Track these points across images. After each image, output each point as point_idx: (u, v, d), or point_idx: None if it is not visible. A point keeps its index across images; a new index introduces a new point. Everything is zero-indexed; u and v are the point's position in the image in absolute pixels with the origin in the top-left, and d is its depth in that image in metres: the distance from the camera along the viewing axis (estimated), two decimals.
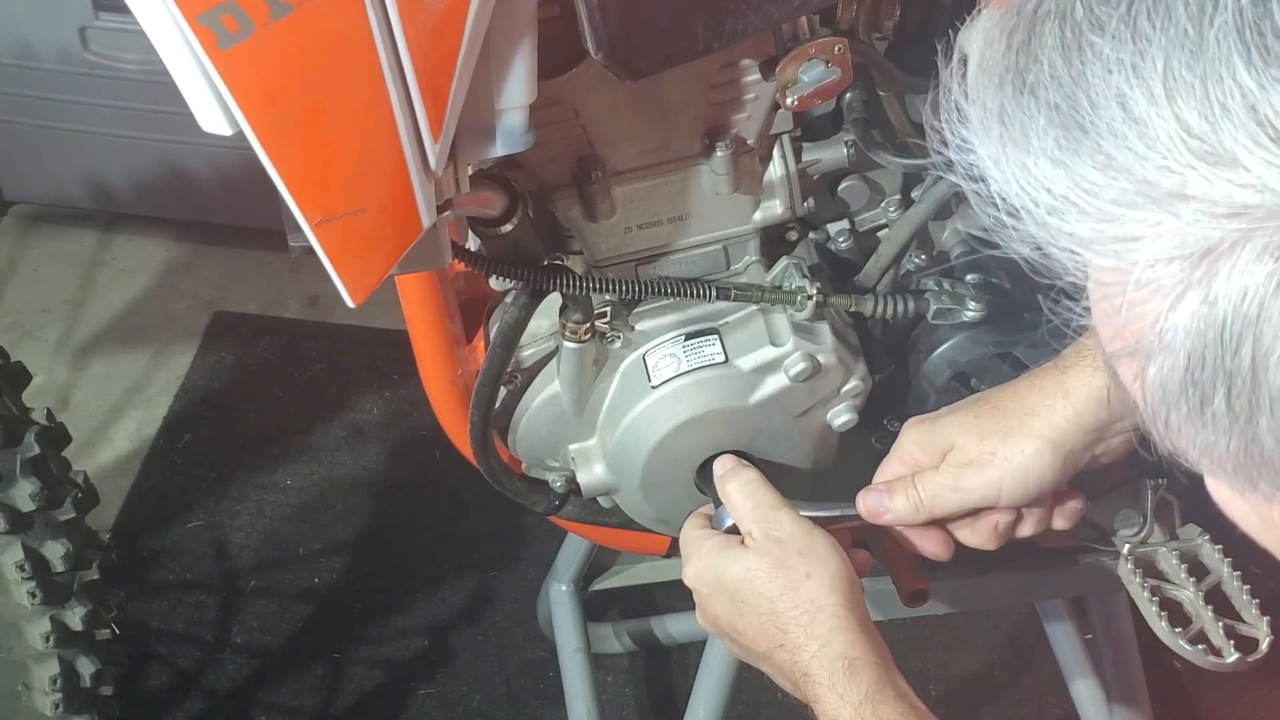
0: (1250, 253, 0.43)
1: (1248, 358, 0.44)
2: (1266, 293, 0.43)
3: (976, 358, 1.09)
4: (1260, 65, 0.42)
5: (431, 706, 1.86)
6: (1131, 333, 0.47)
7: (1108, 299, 0.48)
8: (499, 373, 1.07)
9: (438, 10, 0.72)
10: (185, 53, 0.67)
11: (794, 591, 0.93)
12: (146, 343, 2.32)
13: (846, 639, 0.90)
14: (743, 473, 1.02)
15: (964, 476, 0.95)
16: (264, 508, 2.07)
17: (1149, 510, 1.09)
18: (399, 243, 0.80)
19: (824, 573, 0.93)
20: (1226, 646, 1.03)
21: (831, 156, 1.08)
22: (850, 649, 0.90)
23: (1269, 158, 0.42)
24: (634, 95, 0.97)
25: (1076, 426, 0.92)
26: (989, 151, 0.49)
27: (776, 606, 0.93)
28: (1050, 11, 0.47)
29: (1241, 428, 0.46)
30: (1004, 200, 0.49)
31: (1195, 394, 0.46)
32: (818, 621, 0.91)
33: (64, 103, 2.20)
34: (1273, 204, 0.42)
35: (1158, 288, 0.45)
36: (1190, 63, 0.43)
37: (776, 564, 0.94)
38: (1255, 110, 0.42)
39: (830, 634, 0.91)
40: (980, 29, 0.51)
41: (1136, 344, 0.47)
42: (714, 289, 1.04)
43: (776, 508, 0.98)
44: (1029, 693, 1.86)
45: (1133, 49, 0.44)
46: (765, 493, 0.99)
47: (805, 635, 0.91)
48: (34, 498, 1.31)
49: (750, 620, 0.95)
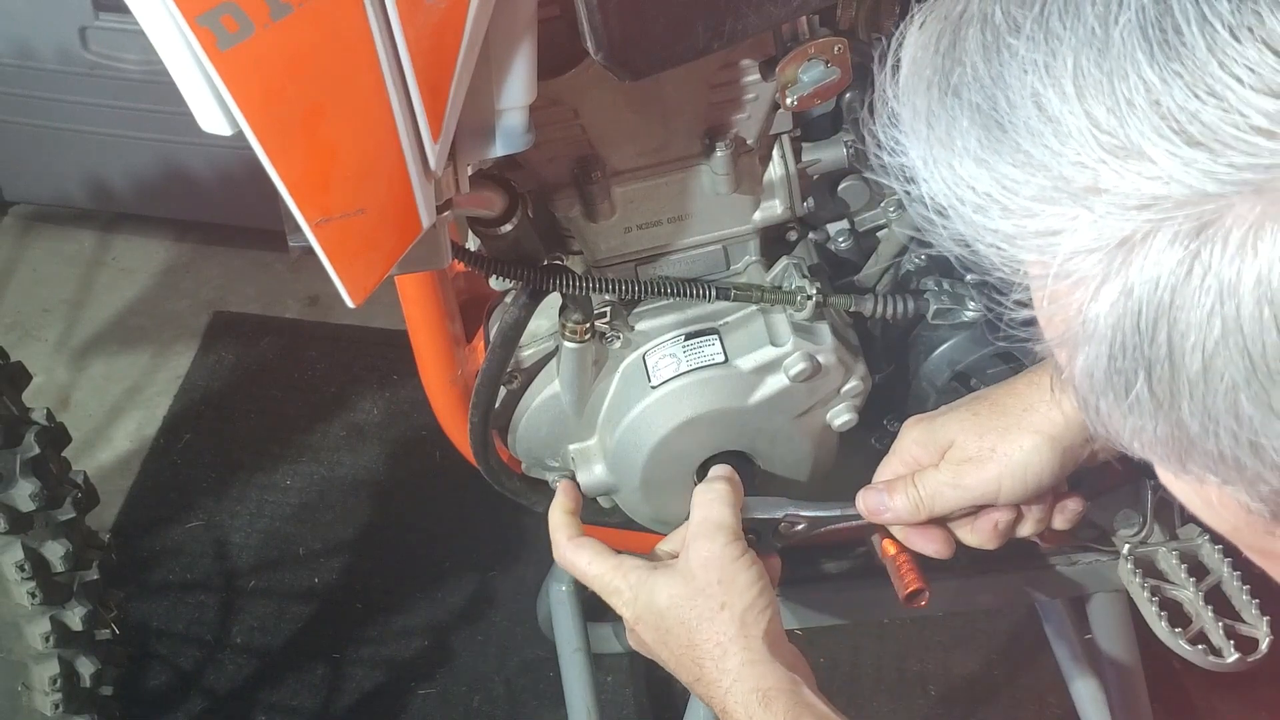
0: (1161, 242, 0.44)
1: (1164, 344, 0.45)
2: (1178, 280, 0.44)
3: (976, 358, 1.09)
4: (1162, 60, 0.43)
5: (431, 706, 1.86)
6: (1059, 323, 0.49)
7: (1037, 290, 0.50)
8: (499, 373, 1.07)
9: (438, 10, 0.72)
10: (185, 53, 0.67)
11: (709, 623, 0.94)
12: (146, 343, 2.32)
13: (757, 671, 0.91)
14: (714, 485, 1.02)
15: (963, 473, 0.95)
16: (264, 508, 2.07)
17: (1149, 510, 1.09)
18: (399, 243, 0.80)
19: (738, 604, 0.94)
20: (1226, 646, 1.04)
21: (831, 156, 1.08)
22: (762, 681, 0.91)
23: (1173, 150, 0.43)
24: (634, 95, 0.97)
25: (1075, 422, 0.93)
26: (919, 152, 0.50)
27: (694, 638, 0.94)
28: (974, 16, 0.49)
29: (1165, 412, 0.46)
30: (933, 200, 0.50)
31: (1120, 381, 0.47)
32: (731, 654, 0.93)
33: (64, 103, 2.20)
34: (1180, 194, 0.43)
35: (1079, 279, 0.46)
36: (1098, 60, 0.44)
37: (695, 592, 0.95)
38: (1159, 104, 0.43)
39: (741, 668, 0.92)
40: (910, 36, 0.52)
41: (1065, 334, 0.48)
42: (714, 289, 1.04)
43: (718, 528, 0.98)
44: (1029, 693, 1.86)
45: (1045, 49, 0.46)
46: (720, 508, 0.99)
47: (717, 671, 0.93)
48: (34, 498, 1.31)
49: (674, 648, 0.96)
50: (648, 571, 0.98)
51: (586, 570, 1.02)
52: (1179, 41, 0.43)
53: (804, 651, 0.97)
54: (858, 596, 1.33)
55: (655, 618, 0.96)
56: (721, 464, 1.07)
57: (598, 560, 1.01)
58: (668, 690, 1.87)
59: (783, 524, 1.03)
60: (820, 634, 1.77)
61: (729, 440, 1.09)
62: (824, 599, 1.32)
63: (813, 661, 0.97)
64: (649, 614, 0.97)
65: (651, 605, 0.97)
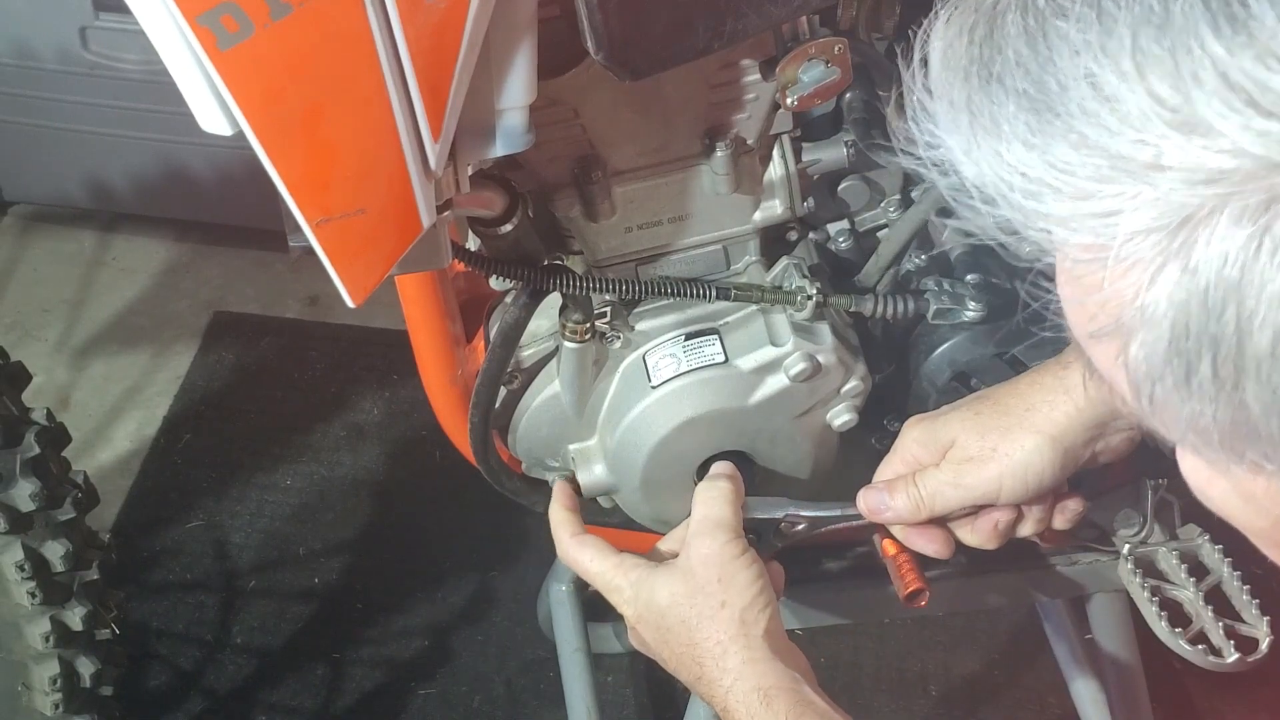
0: (1228, 218, 0.43)
1: (1231, 323, 0.44)
2: (1247, 256, 0.43)
3: (976, 358, 1.09)
4: (1229, 33, 0.43)
5: (431, 706, 1.86)
6: (1111, 310, 0.48)
7: (1084, 278, 0.48)
8: (499, 373, 1.07)
9: (438, 10, 0.72)
10: (185, 53, 0.67)
11: (709, 622, 0.94)
12: (146, 343, 2.32)
13: (758, 670, 0.91)
14: (717, 483, 1.02)
15: (965, 473, 0.95)
16: (264, 508, 2.07)
17: (1149, 510, 1.09)
18: (399, 243, 0.80)
19: (738, 603, 0.94)
20: (1226, 646, 1.04)
21: (831, 156, 1.08)
22: (763, 679, 0.91)
23: (1244, 122, 0.42)
24: (634, 95, 0.97)
25: (1077, 422, 0.93)
26: (959, 143, 0.50)
27: (694, 637, 0.94)
28: (1010, 4, 0.49)
29: (1228, 395, 0.46)
30: (980, 189, 0.49)
31: (1180, 364, 0.46)
32: (731, 653, 0.93)
33: (64, 103, 2.20)
34: (1249, 168, 0.43)
35: (1136, 261, 0.46)
36: (1158, 37, 0.44)
37: (695, 590, 0.95)
38: (1227, 77, 0.42)
39: (742, 667, 0.92)
40: (937, 32, 0.52)
41: (1117, 322, 0.48)
42: (714, 289, 1.04)
43: (718, 526, 0.98)
44: (1029, 693, 1.86)
45: (1099, 29, 0.45)
46: (721, 506, 0.99)
47: (718, 670, 0.93)
48: (34, 498, 1.31)
49: (674, 648, 0.96)
50: (648, 570, 0.98)
51: (589, 567, 1.02)
52: (1245, 13, 0.42)
53: (804, 651, 0.97)
54: (858, 596, 1.33)
55: (656, 617, 0.97)
56: (723, 461, 1.07)
57: (599, 558, 1.01)
58: (668, 690, 1.87)
59: (783, 524, 1.03)
60: (820, 634, 1.77)
61: (729, 440, 1.09)
62: (824, 599, 1.32)
63: (813, 661, 0.97)
64: (649, 613, 0.97)
65: (652, 604, 0.97)
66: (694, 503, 1.01)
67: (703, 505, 1.00)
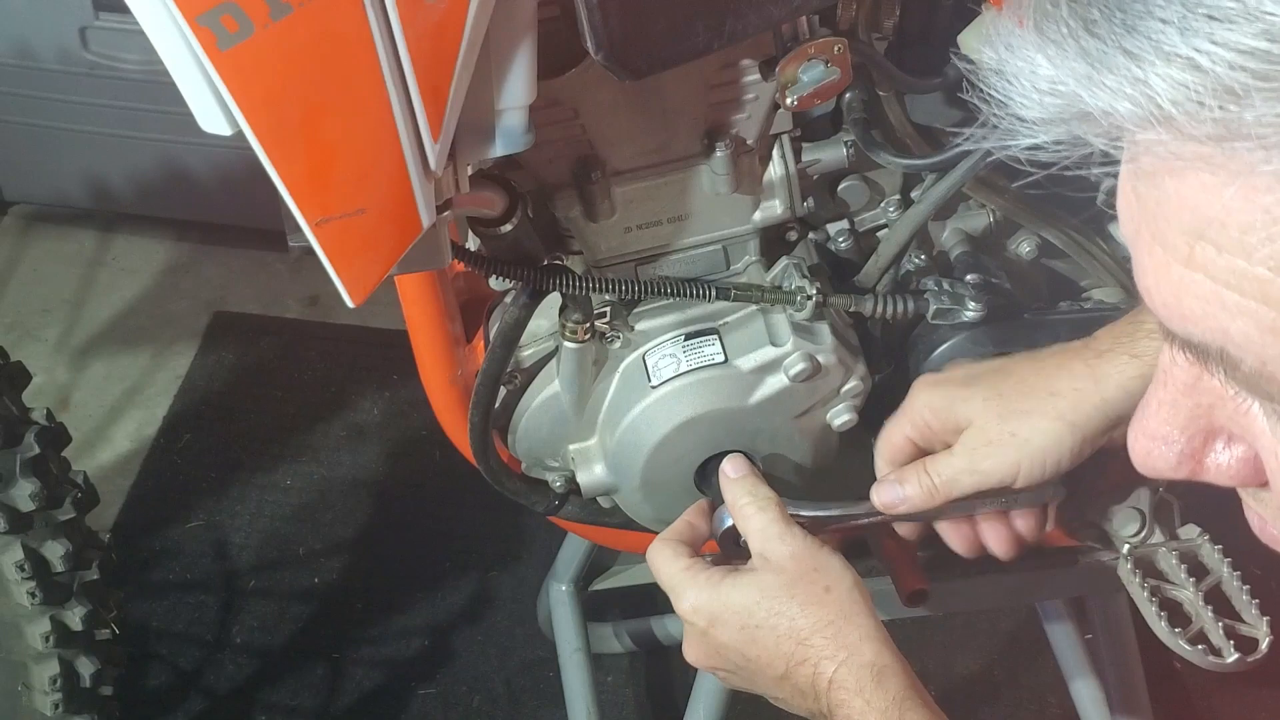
0: None
1: None
2: None
3: (976, 358, 1.09)
4: None
5: (431, 706, 1.86)
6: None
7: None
8: (499, 373, 1.07)
9: (438, 10, 0.72)
10: (185, 53, 0.67)
11: (816, 605, 0.92)
12: (146, 343, 2.32)
13: (874, 647, 0.90)
14: (759, 488, 1.01)
15: (982, 458, 0.94)
16: (264, 508, 2.07)
17: (1149, 510, 1.09)
18: (399, 243, 0.80)
19: (843, 585, 0.93)
20: (1226, 646, 1.03)
21: (831, 156, 1.08)
22: (879, 657, 0.90)
23: None
24: (634, 95, 0.97)
25: (1100, 414, 0.91)
26: (1093, 96, 0.43)
27: (797, 624, 0.92)
28: None
29: None
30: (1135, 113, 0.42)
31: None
32: (845, 632, 0.91)
33: (64, 103, 2.20)
34: None
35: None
36: None
37: (793, 580, 0.93)
38: None
39: (860, 642, 0.91)
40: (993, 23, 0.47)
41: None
42: (714, 289, 1.04)
43: (788, 524, 0.97)
44: (1029, 693, 1.86)
45: None
46: (776, 510, 0.98)
47: (834, 646, 0.91)
48: (34, 498, 1.31)
49: (766, 643, 0.93)
50: (722, 574, 0.96)
51: (659, 568, 1.00)
52: None
53: None
54: None
55: (739, 615, 0.94)
56: (737, 458, 1.05)
57: (672, 560, 0.99)
58: (668, 690, 1.87)
59: None
60: None
61: (729, 440, 1.09)
62: None
63: None
64: (729, 613, 0.94)
65: (731, 604, 0.94)
66: (745, 512, 0.99)
67: (762, 511, 0.98)
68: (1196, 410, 0.51)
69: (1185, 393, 0.50)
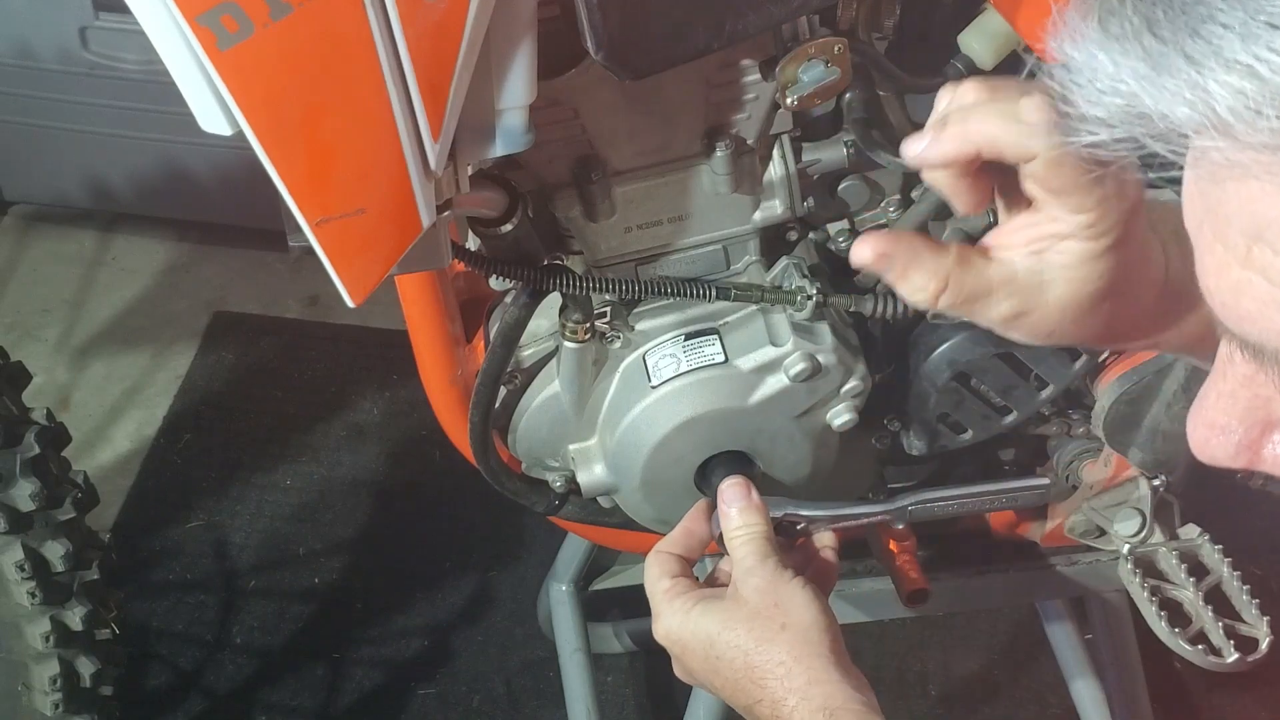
0: None
1: None
2: None
3: (976, 358, 1.09)
4: None
5: (431, 706, 1.86)
6: None
7: None
8: (499, 373, 1.07)
9: (438, 10, 0.72)
10: (185, 53, 0.67)
11: (770, 644, 0.92)
12: (146, 343, 2.32)
13: (824, 690, 0.90)
14: (752, 515, 1.00)
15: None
16: (264, 508, 2.07)
17: (1149, 510, 1.09)
18: (399, 243, 0.80)
19: (799, 624, 0.93)
20: (1226, 646, 1.04)
21: (831, 156, 1.08)
22: (829, 699, 0.89)
23: None
24: (634, 95, 0.97)
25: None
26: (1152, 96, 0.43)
27: (751, 660, 0.92)
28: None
29: None
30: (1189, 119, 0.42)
31: None
32: (794, 675, 0.91)
33: (64, 103, 2.20)
34: None
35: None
36: None
37: (752, 615, 0.94)
38: None
39: (808, 686, 0.90)
40: (1070, 25, 0.46)
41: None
42: (714, 289, 1.04)
43: (763, 557, 0.97)
44: (1029, 693, 1.86)
45: None
46: (758, 543, 0.98)
47: (783, 689, 0.91)
48: (34, 498, 1.31)
49: (726, 674, 0.94)
50: (694, 601, 0.96)
51: (649, 584, 1.00)
52: None
53: None
54: (858, 596, 1.33)
55: (704, 646, 0.95)
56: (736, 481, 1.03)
57: (660, 578, 1.00)
58: (667, 690, 1.87)
59: (783, 523, 1.03)
60: None
61: (729, 440, 1.09)
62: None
63: None
64: (695, 642, 0.95)
65: (698, 632, 0.95)
66: (734, 540, 0.99)
67: (750, 542, 0.98)
68: (1254, 402, 0.51)
69: (1244, 385, 0.51)
